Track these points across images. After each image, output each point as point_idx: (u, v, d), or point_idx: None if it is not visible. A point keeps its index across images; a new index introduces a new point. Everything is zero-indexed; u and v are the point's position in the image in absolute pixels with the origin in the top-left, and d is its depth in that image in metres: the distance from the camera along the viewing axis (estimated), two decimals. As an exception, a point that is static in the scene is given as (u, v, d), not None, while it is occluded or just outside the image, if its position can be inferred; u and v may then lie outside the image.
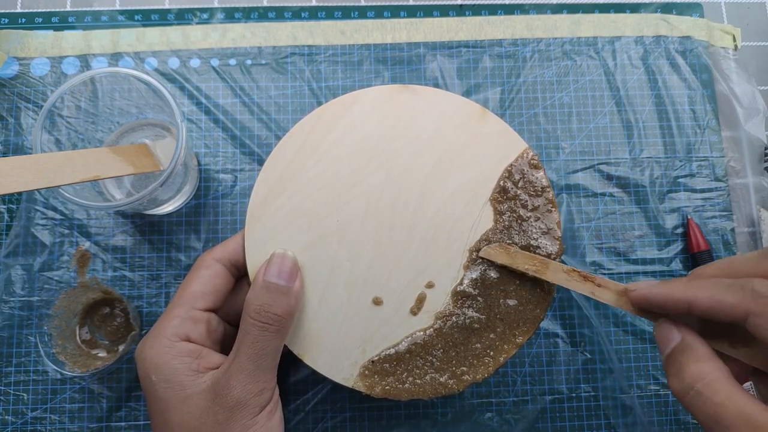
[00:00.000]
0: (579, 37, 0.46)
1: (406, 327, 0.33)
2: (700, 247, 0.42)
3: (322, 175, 0.34)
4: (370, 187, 0.34)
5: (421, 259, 0.34)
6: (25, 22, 0.44)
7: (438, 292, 0.34)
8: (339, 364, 0.33)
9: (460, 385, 0.33)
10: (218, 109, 0.43)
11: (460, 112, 0.36)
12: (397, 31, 0.45)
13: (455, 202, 0.34)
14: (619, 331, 0.42)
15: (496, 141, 0.35)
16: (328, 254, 0.33)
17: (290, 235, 0.34)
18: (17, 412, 0.39)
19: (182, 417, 0.29)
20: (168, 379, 0.30)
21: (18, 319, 0.40)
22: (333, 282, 0.33)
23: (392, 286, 0.34)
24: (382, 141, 0.35)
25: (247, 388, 0.29)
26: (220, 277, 0.33)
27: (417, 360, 0.33)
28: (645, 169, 0.44)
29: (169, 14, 0.45)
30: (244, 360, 0.29)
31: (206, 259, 0.33)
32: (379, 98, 0.36)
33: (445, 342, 0.33)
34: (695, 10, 0.47)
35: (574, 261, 0.42)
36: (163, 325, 0.31)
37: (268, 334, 0.30)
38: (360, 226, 0.34)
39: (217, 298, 0.33)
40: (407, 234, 0.34)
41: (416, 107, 0.36)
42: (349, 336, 0.33)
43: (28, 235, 0.41)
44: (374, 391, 0.32)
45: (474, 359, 0.33)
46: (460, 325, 0.33)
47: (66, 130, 0.36)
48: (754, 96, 0.45)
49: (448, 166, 0.35)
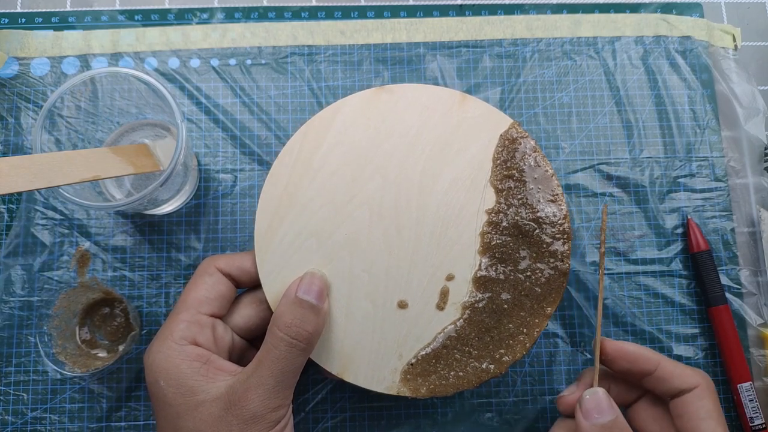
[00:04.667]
0: (579, 37, 0.46)
1: (437, 323, 0.34)
2: (700, 247, 0.42)
3: (319, 193, 0.34)
4: (369, 195, 0.34)
5: (436, 254, 0.34)
6: (25, 22, 0.44)
7: (459, 283, 0.34)
8: (379, 374, 0.33)
9: (501, 367, 0.33)
10: (218, 109, 0.43)
11: (441, 102, 0.36)
12: (397, 31, 0.45)
13: (456, 191, 0.35)
14: (619, 331, 0.42)
15: (482, 123, 0.36)
16: (343, 269, 0.34)
17: (302, 259, 0.34)
18: (17, 412, 0.39)
19: (195, 423, 0.29)
20: (178, 384, 0.29)
21: (18, 319, 0.40)
22: (354, 295, 0.33)
23: (413, 286, 0.34)
24: (371, 146, 0.35)
25: (265, 403, 0.29)
26: (224, 285, 0.33)
27: (455, 353, 0.33)
28: (645, 169, 0.44)
29: (169, 14, 0.45)
30: (266, 374, 0.29)
31: (210, 267, 0.33)
32: (359, 105, 0.36)
33: (478, 329, 0.33)
34: (695, 10, 0.47)
35: (574, 261, 0.42)
36: (170, 329, 0.31)
37: (296, 351, 0.30)
38: (368, 234, 0.34)
39: (222, 305, 0.33)
40: (416, 232, 0.34)
41: (397, 106, 0.36)
42: (382, 344, 0.33)
43: (28, 235, 0.41)
44: (420, 393, 0.33)
45: (509, 339, 0.33)
46: (489, 310, 0.34)
47: (66, 130, 0.36)
48: (754, 96, 0.45)
49: (440, 157, 0.35)
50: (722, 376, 0.41)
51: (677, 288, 0.43)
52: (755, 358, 0.41)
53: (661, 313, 0.42)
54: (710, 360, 0.42)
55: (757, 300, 0.43)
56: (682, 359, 0.41)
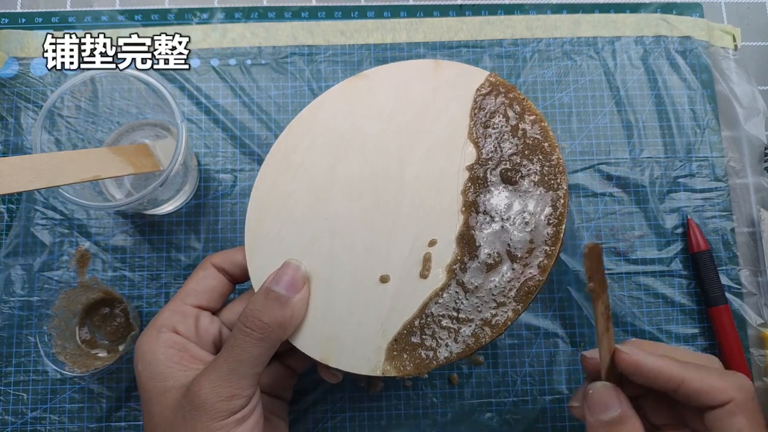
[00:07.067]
0: (579, 37, 0.46)
1: (420, 292, 0.32)
2: (700, 247, 0.42)
3: (300, 185, 0.34)
4: (347, 177, 0.34)
5: (416, 222, 0.33)
6: (25, 22, 0.44)
7: (443, 246, 0.32)
8: (363, 355, 0.31)
9: (495, 331, 0.30)
10: (218, 109, 0.43)
11: (415, 75, 0.36)
12: (397, 31, 0.45)
13: (434, 155, 0.34)
14: (619, 331, 0.42)
15: (458, 83, 0.35)
16: (323, 254, 0.33)
17: (285, 251, 0.33)
18: (17, 412, 0.39)
19: (160, 408, 0.29)
20: (151, 369, 0.30)
21: (18, 319, 0.40)
22: (335, 278, 0.33)
23: (394, 259, 0.32)
24: (349, 133, 0.35)
25: (215, 390, 0.28)
26: (215, 279, 0.34)
27: (442, 320, 0.31)
28: (645, 169, 0.44)
29: (169, 14, 0.45)
30: (220, 362, 0.29)
31: (206, 263, 0.34)
32: (339, 97, 0.36)
33: (464, 290, 0.31)
34: (695, 10, 0.47)
35: (574, 261, 0.42)
36: (155, 318, 0.32)
37: (249, 340, 0.29)
38: (347, 216, 0.33)
39: (212, 298, 0.33)
40: (395, 205, 0.33)
41: (374, 88, 0.36)
42: (365, 324, 0.32)
43: (28, 235, 0.41)
44: (405, 372, 0.31)
45: (501, 296, 0.31)
46: (475, 268, 0.31)
47: (66, 130, 0.36)
48: (754, 96, 0.45)
49: (416, 126, 0.34)
50: (722, 376, 0.41)
51: (677, 288, 0.43)
52: (755, 358, 0.41)
53: (661, 313, 0.42)
54: (710, 360, 0.42)
55: (757, 300, 0.43)
56: (682, 359, 0.41)
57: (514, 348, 0.41)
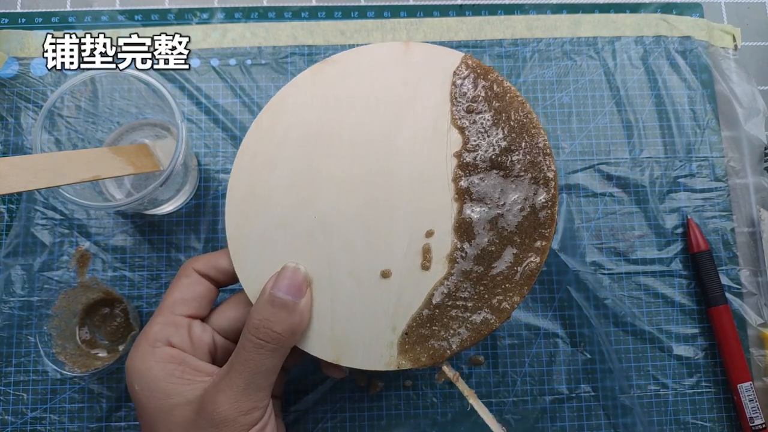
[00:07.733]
0: (579, 37, 0.46)
1: (424, 284, 0.32)
2: (700, 247, 0.42)
3: (280, 182, 0.33)
4: (332, 171, 0.33)
5: (411, 214, 0.32)
6: (25, 22, 0.44)
7: (441, 236, 0.32)
8: (376, 352, 0.31)
9: (502, 315, 0.31)
10: (218, 109, 0.43)
11: (385, 58, 0.34)
12: (397, 31, 0.45)
13: (420, 143, 0.33)
14: (618, 331, 0.42)
15: (432, 65, 0.34)
16: (319, 252, 0.32)
17: (274, 252, 0.32)
18: (17, 412, 0.39)
19: (168, 427, 0.28)
20: (150, 388, 0.29)
21: (18, 319, 0.40)
22: (336, 277, 0.32)
23: (394, 252, 0.32)
24: (324, 123, 0.33)
25: (235, 406, 0.28)
26: (201, 286, 0.32)
27: (450, 311, 0.31)
28: (645, 169, 0.44)
29: (169, 14, 0.45)
30: (236, 376, 0.28)
31: (187, 269, 0.32)
32: (306, 84, 0.34)
33: (467, 279, 0.31)
34: (695, 10, 0.47)
35: (574, 261, 0.42)
36: (145, 333, 0.30)
37: (264, 352, 0.28)
38: (338, 211, 0.32)
39: (201, 305, 0.32)
40: (387, 197, 0.32)
41: (343, 74, 0.34)
42: (374, 321, 0.31)
43: (28, 235, 0.41)
44: (421, 363, 0.31)
45: (505, 283, 0.31)
46: (475, 257, 0.31)
47: (66, 130, 0.36)
48: (754, 96, 0.45)
49: (395, 113, 0.33)
50: (722, 376, 0.41)
51: (677, 288, 0.43)
52: (755, 358, 0.41)
53: (661, 313, 0.42)
54: (710, 360, 0.42)
55: (757, 300, 0.43)
56: (682, 359, 0.42)
57: (514, 348, 0.41)
